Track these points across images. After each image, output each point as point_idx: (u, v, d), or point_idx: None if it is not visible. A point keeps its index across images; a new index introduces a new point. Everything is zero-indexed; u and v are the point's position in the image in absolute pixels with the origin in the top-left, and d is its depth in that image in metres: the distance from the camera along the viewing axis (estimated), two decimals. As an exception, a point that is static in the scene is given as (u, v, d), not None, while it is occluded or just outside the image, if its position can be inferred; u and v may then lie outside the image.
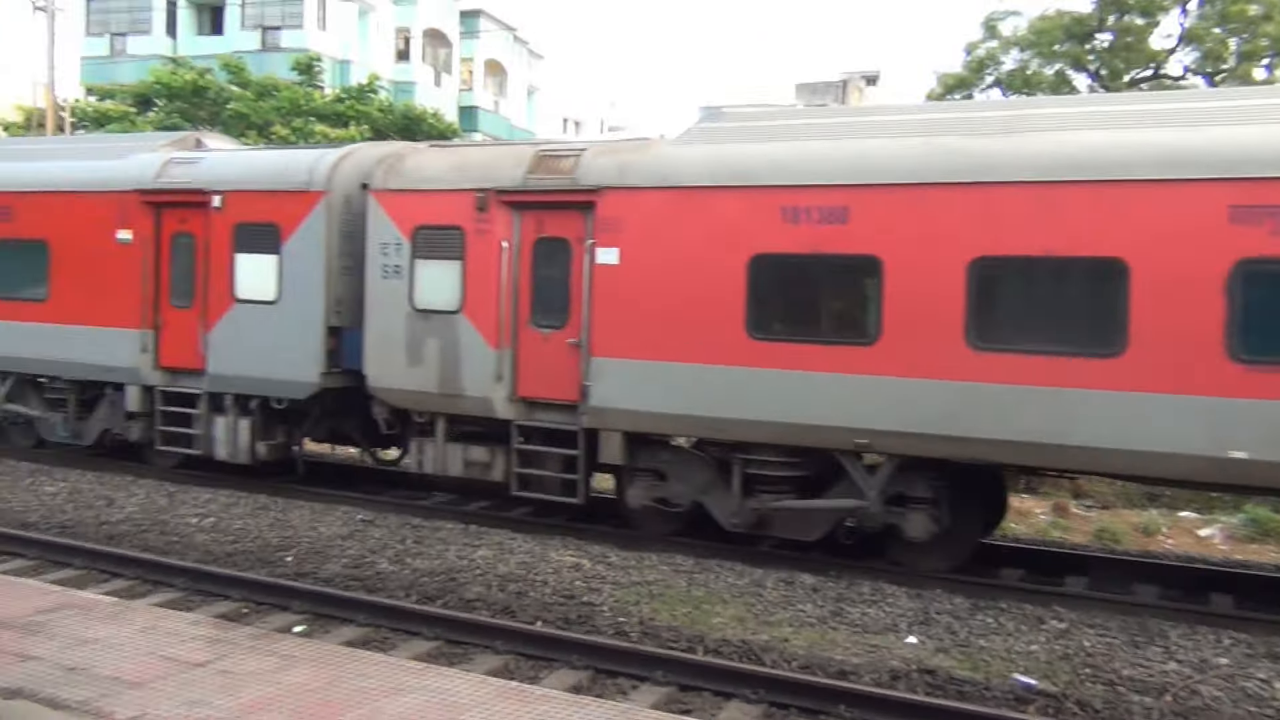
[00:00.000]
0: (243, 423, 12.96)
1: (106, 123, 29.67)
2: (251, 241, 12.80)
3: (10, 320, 14.62)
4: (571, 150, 11.45)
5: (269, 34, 44.23)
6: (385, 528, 11.50)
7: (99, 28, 46.44)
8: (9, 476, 13.73)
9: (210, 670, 5.68)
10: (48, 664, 5.71)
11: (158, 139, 15.04)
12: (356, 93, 31.95)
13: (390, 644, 8.31)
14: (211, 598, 9.42)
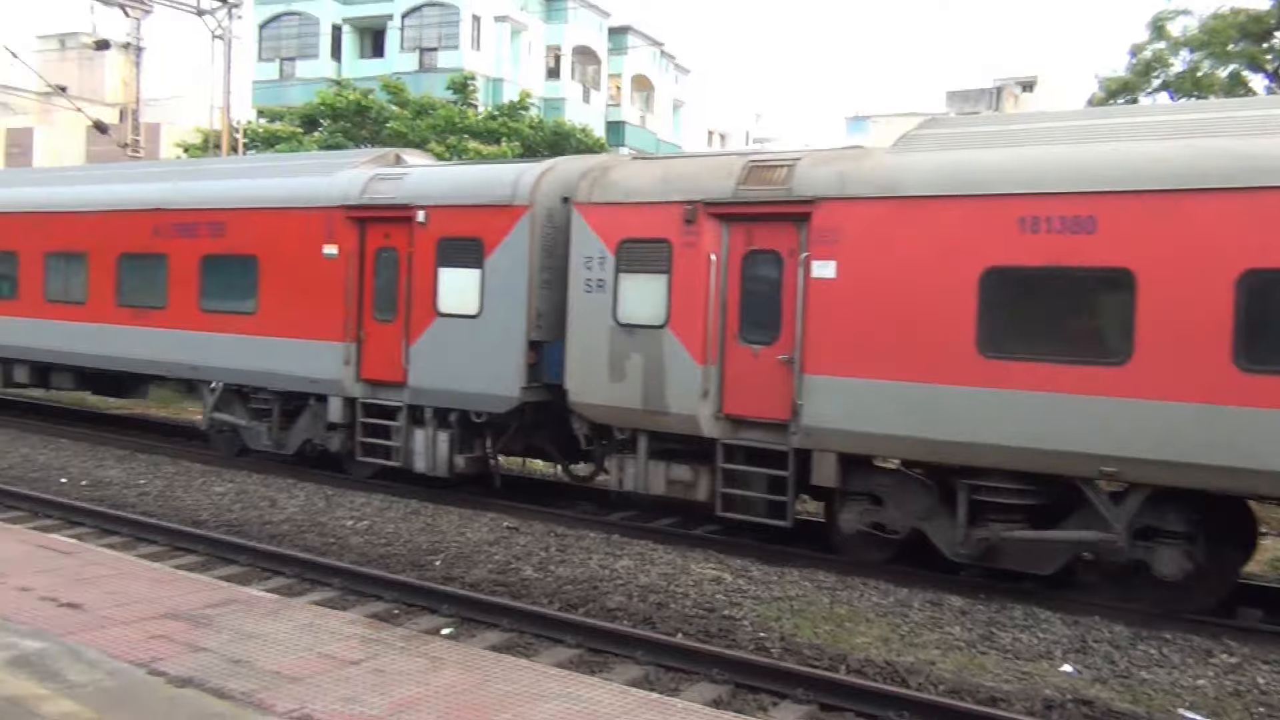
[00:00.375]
0: (442, 436, 13.01)
1: (276, 143, 31.26)
2: (454, 256, 12.85)
3: (222, 332, 15.02)
4: (784, 160, 11.03)
5: (426, 55, 45.84)
6: (530, 535, 11.70)
7: (270, 53, 49.03)
8: (184, 477, 14.54)
9: (364, 669, 5.88)
10: (215, 655, 6.02)
11: (359, 155, 15.40)
12: (508, 110, 32.75)
13: (534, 650, 8.44)
14: (365, 598, 9.76)
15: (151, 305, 15.80)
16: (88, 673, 5.48)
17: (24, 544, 9.31)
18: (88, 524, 12.20)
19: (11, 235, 18.00)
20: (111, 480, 14.44)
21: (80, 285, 16.86)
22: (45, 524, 12.01)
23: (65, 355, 17.13)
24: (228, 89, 28.53)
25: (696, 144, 60.61)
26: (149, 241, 15.80)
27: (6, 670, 5.40)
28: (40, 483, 14.32)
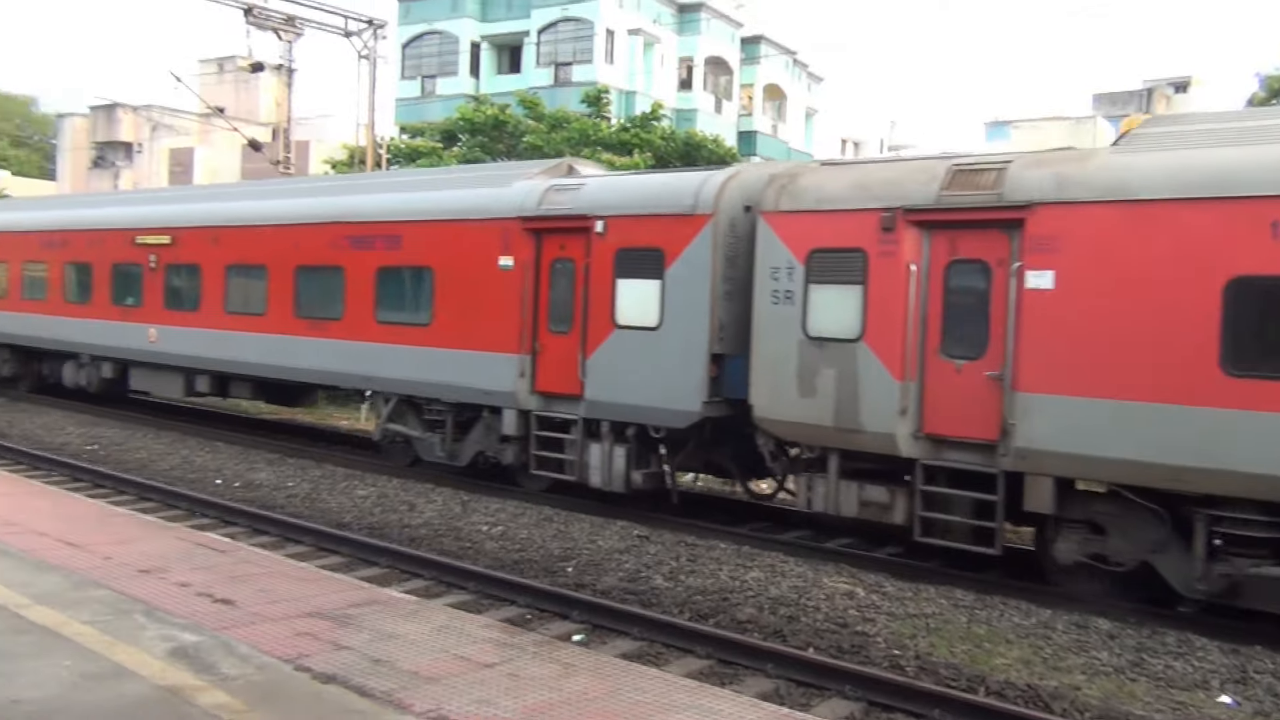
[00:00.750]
0: (618, 450, 12.72)
1: (417, 158, 32.20)
2: (633, 267, 12.58)
3: (396, 344, 15.06)
4: (993, 164, 10.42)
5: (561, 70, 46.61)
6: (660, 544, 11.72)
7: (413, 71, 50.62)
8: (328, 480, 15.09)
9: (498, 672, 5.98)
10: (357, 654, 6.22)
11: (533, 167, 15.31)
12: (640, 121, 32.98)
13: (664, 659, 8.45)
14: (499, 602, 9.94)
15: (328, 317, 16.03)
16: (239, 666, 5.73)
17: (183, 541, 9.81)
18: (240, 523, 12.79)
19: (194, 249, 18.54)
20: (262, 482, 15.09)
21: (259, 297, 17.21)
22: (202, 522, 12.63)
23: (244, 365, 17.53)
24: (372, 107, 29.58)
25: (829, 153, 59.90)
26: (326, 254, 16.06)
27: (167, 661, 5.70)
28: (198, 483, 15.08)
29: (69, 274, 21.36)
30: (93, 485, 14.76)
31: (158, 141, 53.83)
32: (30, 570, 7.57)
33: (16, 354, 23.31)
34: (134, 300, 19.68)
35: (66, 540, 9.27)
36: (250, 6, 28.39)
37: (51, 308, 21.66)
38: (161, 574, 8.23)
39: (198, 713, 4.98)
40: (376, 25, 29.81)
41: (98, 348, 20.57)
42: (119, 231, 20.09)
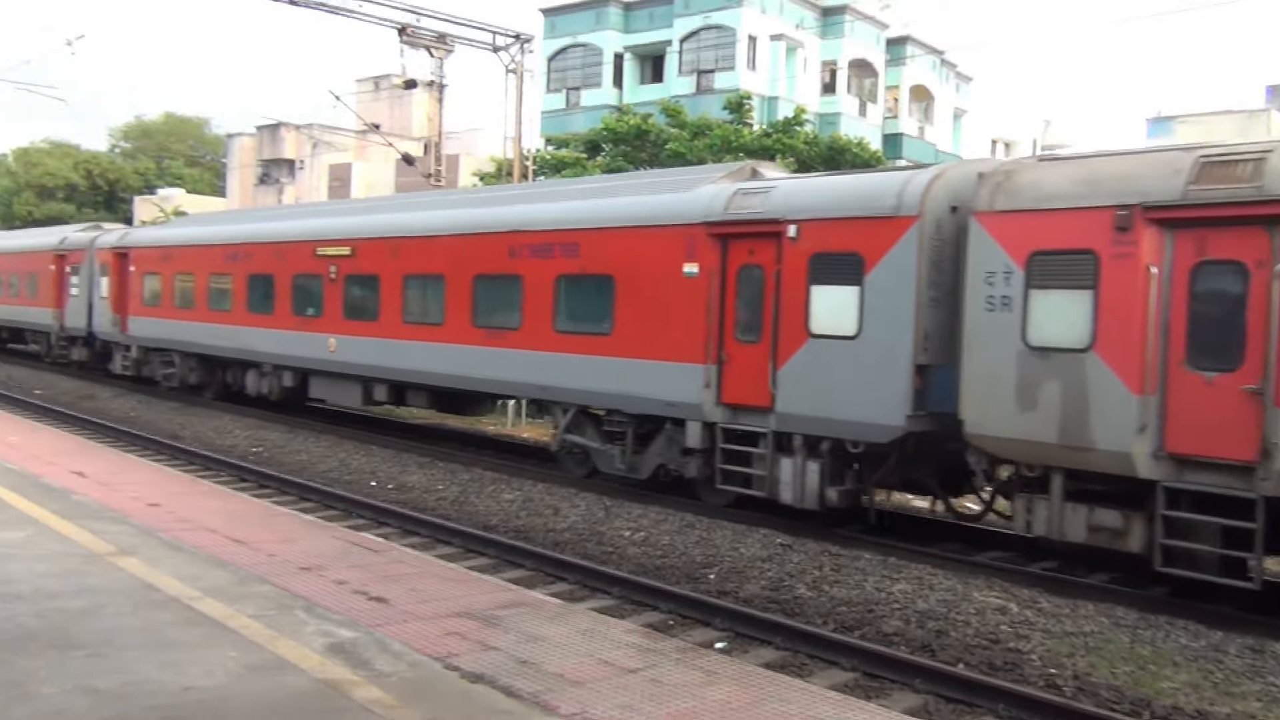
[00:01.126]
0: (811, 466, 12.09)
1: (562, 168, 32.78)
2: (829, 273, 11.97)
3: (575, 353, 14.78)
4: (1248, 154, 9.49)
5: (703, 78, 46.69)
6: (804, 553, 11.57)
7: (557, 84, 51.56)
8: (476, 484, 15.46)
9: (641, 677, 6.00)
10: (504, 655, 6.33)
11: (714, 171, 14.81)
12: (782, 126, 32.75)
13: (807, 670, 8.33)
14: (641, 607, 9.99)
15: (505, 326, 15.88)
16: (392, 663, 5.91)
17: (340, 540, 10.20)
18: (393, 524, 13.22)
19: (373, 259, 18.67)
20: (414, 485, 15.58)
21: (437, 307, 17.20)
22: (358, 523, 13.11)
23: (421, 375, 17.52)
24: (519, 119, 30.23)
25: (979, 154, 58.19)
26: (504, 263, 15.91)
27: (325, 655, 5.92)
28: (354, 485, 15.67)
29: (252, 285, 21.90)
30: (257, 485, 15.50)
31: (318, 158, 56.36)
32: (201, 565, 7.99)
33: (203, 363, 24.15)
34: (314, 311, 20.02)
35: (233, 537, 9.76)
36: (404, 26, 29.41)
37: (235, 318, 22.31)
38: (320, 571, 8.57)
39: (354, 707, 5.15)
40: (523, 40, 30.47)
41: (279, 357, 21.06)
42: (300, 243, 20.57)
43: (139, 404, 24.24)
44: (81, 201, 74.75)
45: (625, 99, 47.22)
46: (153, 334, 25.41)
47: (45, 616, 6.29)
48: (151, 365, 25.89)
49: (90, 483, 12.32)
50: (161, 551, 8.34)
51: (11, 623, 6.11)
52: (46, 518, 9.34)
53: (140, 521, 9.84)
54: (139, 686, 5.22)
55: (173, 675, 5.40)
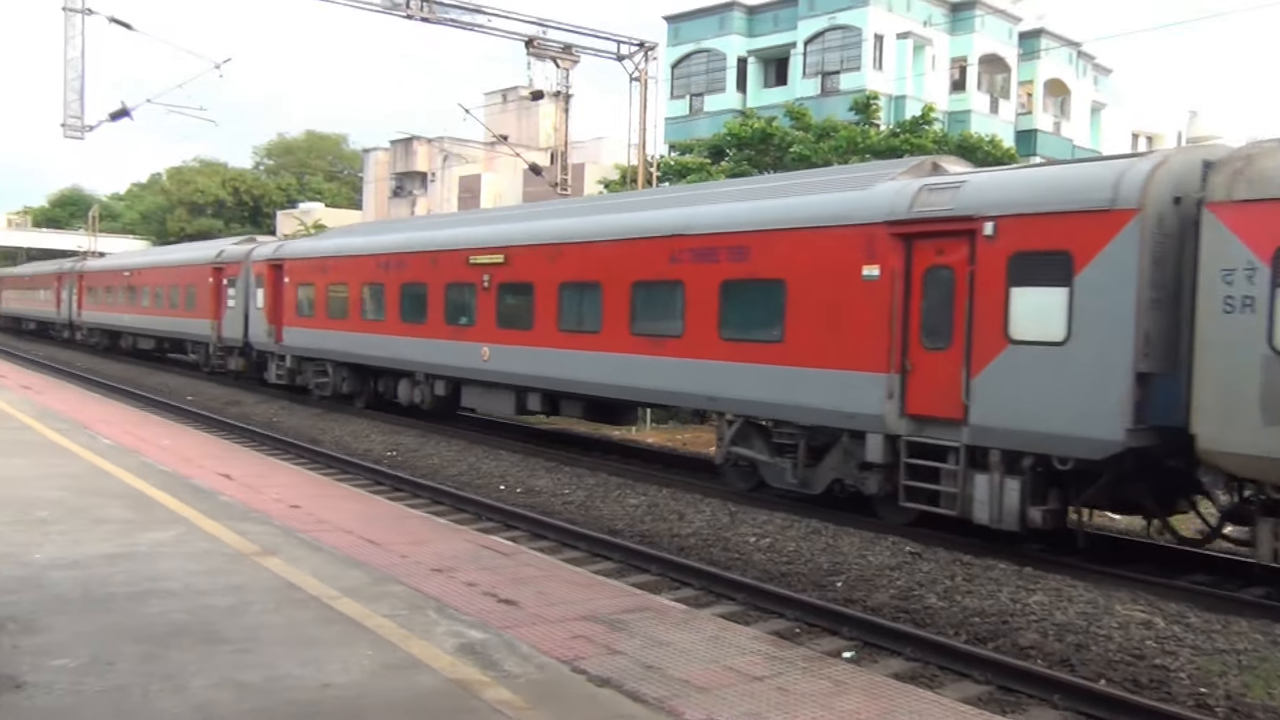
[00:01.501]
0: (1010, 483, 11.07)
1: (686, 174, 32.85)
2: (1031, 273, 11.02)
3: (743, 361, 14.11)
4: None
5: (828, 79, 46.17)
6: (934, 562, 11.30)
7: (681, 90, 51.74)
8: (601, 489, 15.59)
9: (768, 685, 5.94)
10: (629, 659, 6.36)
11: (893, 167, 13.97)
12: (910, 126, 32.16)
13: (938, 682, 8.13)
14: (767, 614, 9.91)
15: (667, 334, 15.29)
16: (521, 665, 5.99)
17: (470, 543, 10.41)
18: (521, 528, 13.44)
19: (527, 267, 18.30)
20: (541, 489, 15.80)
21: (594, 315, 16.77)
22: (487, 526, 13.37)
23: (577, 384, 17.18)
24: (643, 126, 30.43)
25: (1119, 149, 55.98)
26: (665, 269, 15.34)
27: (456, 656, 6.05)
28: (483, 489, 15.99)
29: (405, 295, 21.82)
30: (391, 489, 15.97)
31: (449, 170, 57.84)
32: (339, 565, 8.26)
33: (355, 372, 24.36)
34: (467, 319, 19.79)
35: (368, 539, 10.06)
36: (531, 38, 29.97)
37: (388, 327, 22.30)
38: (451, 573, 8.77)
39: (483, 707, 5.25)
40: (647, 48, 30.67)
41: (432, 366, 20.98)
42: (453, 252, 20.38)
43: (281, 410, 25.26)
44: (229, 217, 78.50)
45: (749, 103, 47.04)
46: (306, 344, 25.90)
47: (195, 612, 6.60)
48: (305, 374, 26.35)
49: (236, 485, 12.89)
50: (302, 551, 8.66)
51: (165, 618, 6.43)
52: (196, 518, 9.80)
53: (282, 522, 10.24)
54: (281, 682, 5.42)
55: (313, 671, 5.60)
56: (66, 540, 8.45)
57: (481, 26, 28.89)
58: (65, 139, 28.19)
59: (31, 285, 57.84)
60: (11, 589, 6.86)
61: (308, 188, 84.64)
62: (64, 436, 15.30)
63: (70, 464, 12.71)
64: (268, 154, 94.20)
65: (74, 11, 26.85)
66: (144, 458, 13.92)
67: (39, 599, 6.70)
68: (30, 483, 11.11)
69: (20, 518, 9.31)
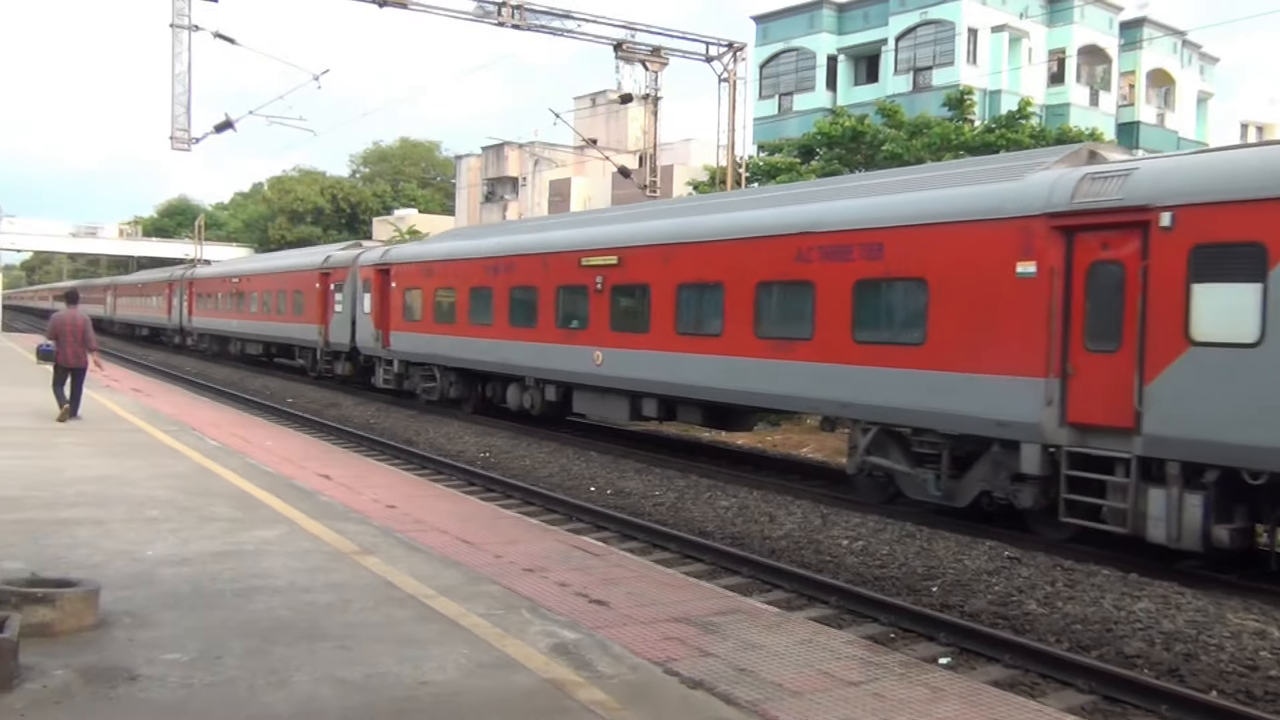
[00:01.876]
0: (1192, 499, 10.20)
1: (775, 174, 32.66)
2: (1217, 267, 10.10)
3: (879, 366, 13.32)
4: None
5: (920, 75, 45.44)
6: (1034, 567, 11.02)
7: (770, 90, 51.45)
8: (692, 490, 15.57)
9: (863, 691, 5.87)
10: (722, 662, 6.34)
11: (1046, 155, 13.00)
12: (1006, 121, 31.47)
13: (1039, 691, 7.94)
14: (860, 618, 9.79)
15: (794, 337, 14.55)
16: (613, 666, 6.02)
17: (561, 543, 10.50)
18: (611, 529, 13.51)
19: (643, 268, 17.75)
20: (630, 490, 15.86)
21: (714, 317, 16.08)
22: (577, 526, 13.47)
23: (696, 389, 16.53)
24: (732, 127, 30.34)
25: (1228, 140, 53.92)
26: (792, 269, 14.54)
27: (550, 656, 6.10)
28: (573, 490, 16.11)
29: (514, 298, 21.38)
30: (484, 490, 16.19)
31: (539, 174, 58.46)
32: (435, 564, 8.41)
33: (463, 377, 24.10)
34: (579, 323, 19.25)
35: (463, 539, 10.22)
36: (620, 42, 30.11)
37: (497, 331, 21.84)
38: (543, 573, 8.86)
39: (577, 707, 5.28)
40: (736, 48, 30.57)
41: (542, 370, 20.51)
42: (564, 254, 19.86)
43: (378, 412, 25.81)
44: (327, 224, 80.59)
45: (839, 101, 46.57)
46: (414, 348, 25.70)
47: (298, 609, 6.78)
48: (412, 379, 26.22)
49: (335, 485, 13.21)
50: (399, 551, 8.84)
51: (270, 615, 6.62)
52: (298, 517, 10.07)
53: (379, 522, 10.46)
54: (380, 679, 5.54)
55: (410, 669, 5.71)
56: (176, 538, 8.76)
57: (571, 32, 29.14)
58: (173, 151, 29.18)
59: (144, 293, 59.24)
60: (126, 585, 7.14)
61: (402, 194, 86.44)
62: (173, 438, 15.87)
63: (179, 464, 13.18)
64: (364, 162, 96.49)
65: (181, 28, 27.84)
66: (248, 458, 14.36)
67: (151, 594, 6.96)
68: (141, 483, 11.55)
69: (133, 516, 9.69)
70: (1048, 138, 30.34)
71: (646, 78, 31.36)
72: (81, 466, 12.46)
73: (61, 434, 15.55)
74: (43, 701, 5.01)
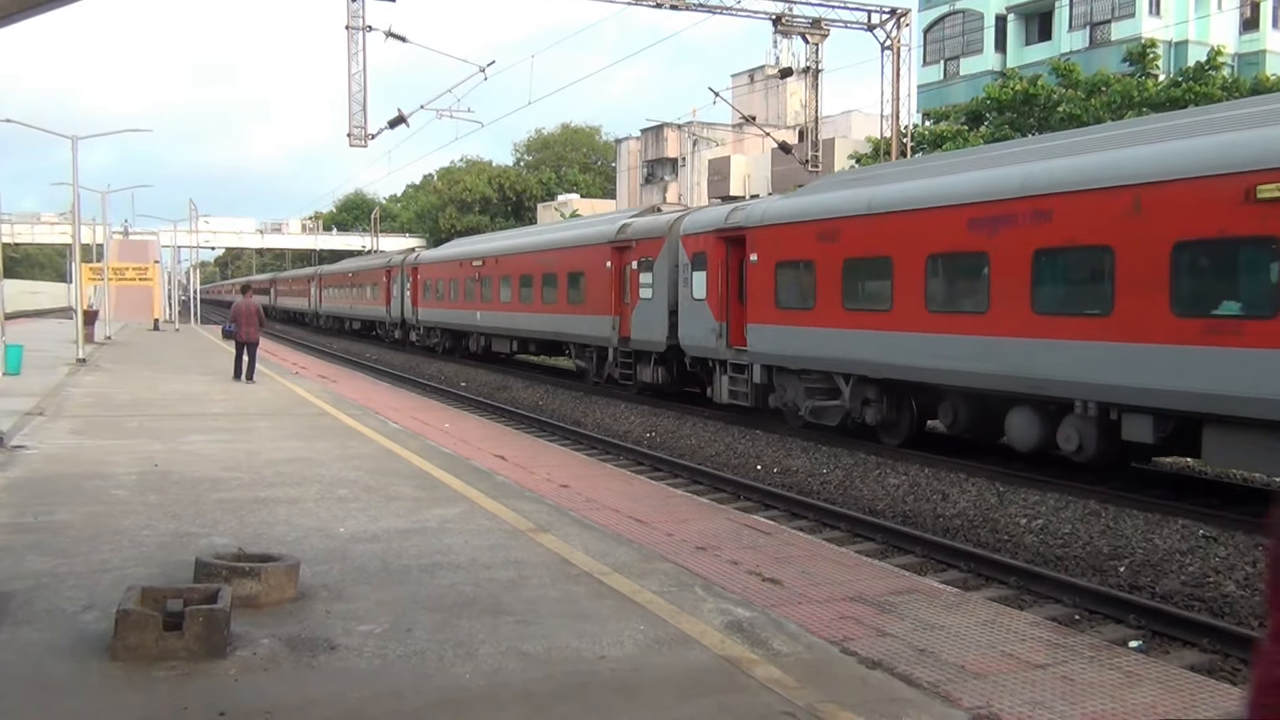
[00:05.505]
0: None
1: (941, 143, 31.69)
2: None
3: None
4: None
5: (1098, 30, 43.19)
6: (1231, 547, 10.40)
7: (934, 56, 49.90)
8: (860, 468, 15.34)
9: (1050, 674, 5.67)
10: (900, 642, 6.24)
11: None
12: (1194, 73, 29.59)
13: (1241, 677, 7.49)
14: (1041, 599, 9.46)
15: None
16: (789, 644, 6.00)
17: (731, 522, 10.53)
18: (779, 508, 13.45)
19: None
20: (798, 469, 15.74)
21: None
22: (745, 505, 13.47)
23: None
24: (896, 96, 29.57)
25: None
26: None
27: (724, 633, 6.14)
28: (740, 469, 16.11)
29: (1045, 266, 13.06)
30: (651, 469, 16.38)
31: (698, 154, 58.44)
32: (608, 542, 8.57)
33: (887, 391, 16.06)
34: None
35: (634, 517, 10.37)
36: (778, 16, 29.75)
37: (1007, 322, 13.42)
38: (715, 551, 8.90)
39: (754, 685, 5.30)
40: (899, 14, 29.77)
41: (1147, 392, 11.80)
42: None
43: (545, 394, 26.41)
44: (494, 212, 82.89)
45: (1009, 63, 44.71)
46: (792, 348, 17.51)
47: (480, 585, 7.03)
48: (786, 392, 18.03)
49: (509, 465, 13.61)
50: (573, 529, 9.04)
51: (454, 590, 6.89)
52: (476, 496, 10.43)
53: (553, 501, 10.72)
54: (560, 652, 5.69)
55: (589, 644, 5.84)
56: (365, 516, 9.21)
57: (730, 9, 28.96)
58: (350, 147, 30.53)
59: (355, 281, 52.52)
60: (322, 560, 7.55)
61: (565, 180, 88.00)
62: (357, 421, 16.67)
63: (364, 446, 13.83)
64: (528, 150, 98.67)
65: (355, 29, 29.06)
66: (427, 440, 14.94)
67: (345, 569, 7.34)
68: (331, 464, 12.18)
69: (325, 495, 10.24)
70: (1242, 89, 28.38)
71: (806, 50, 30.88)
72: (276, 449, 13.24)
73: (258, 419, 16.56)
74: (253, 668, 5.36)
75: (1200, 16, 42.49)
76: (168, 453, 12.74)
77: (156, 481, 10.77)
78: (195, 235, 74.00)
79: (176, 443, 13.61)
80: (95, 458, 12.28)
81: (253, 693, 5.03)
